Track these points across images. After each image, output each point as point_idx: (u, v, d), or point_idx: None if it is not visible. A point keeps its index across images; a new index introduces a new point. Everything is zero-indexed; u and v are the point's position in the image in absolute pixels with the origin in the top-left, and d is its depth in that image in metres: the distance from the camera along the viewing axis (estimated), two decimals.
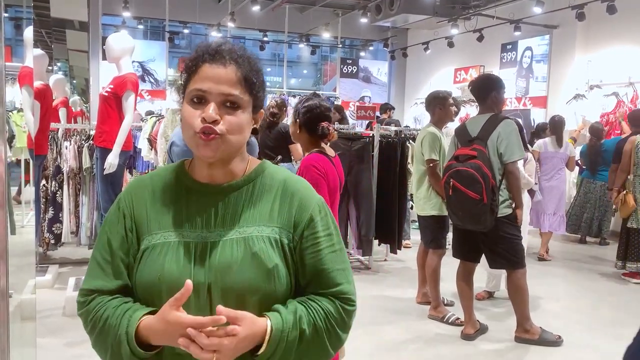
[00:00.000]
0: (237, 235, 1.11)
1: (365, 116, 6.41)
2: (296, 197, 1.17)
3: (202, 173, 1.16)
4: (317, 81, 20.55)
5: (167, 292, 1.05)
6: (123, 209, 1.17)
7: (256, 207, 1.14)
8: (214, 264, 1.08)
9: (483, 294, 4.78)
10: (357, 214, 5.41)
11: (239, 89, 1.10)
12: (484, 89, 3.78)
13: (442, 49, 11.40)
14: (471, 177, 3.44)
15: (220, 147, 1.09)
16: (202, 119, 1.07)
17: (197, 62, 1.11)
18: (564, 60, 9.38)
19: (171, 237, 1.12)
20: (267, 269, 1.08)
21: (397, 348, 3.77)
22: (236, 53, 1.12)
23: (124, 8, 10.96)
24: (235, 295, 1.07)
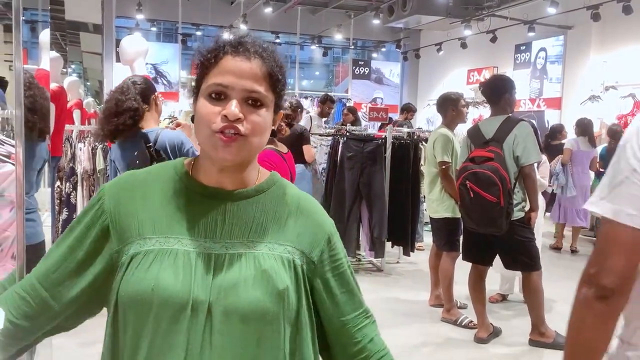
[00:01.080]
0: (245, 249, 0.99)
1: (378, 117, 6.40)
2: (312, 216, 1.08)
3: (209, 176, 1.02)
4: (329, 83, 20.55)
5: (160, 307, 0.93)
6: (103, 203, 1.02)
7: (268, 222, 1.02)
8: (218, 280, 0.95)
9: (496, 296, 4.74)
10: (370, 215, 5.40)
11: (264, 85, 0.98)
12: (497, 90, 3.75)
13: (455, 50, 11.36)
14: (489, 179, 3.41)
15: (243, 150, 0.97)
16: (222, 116, 0.95)
17: (218, 53, 0.99)
18: (579, 61, 9.29)
19: (169, 243, 0.97)
20: (277, 290, 0.96)
21: (409, 351, 3.75)
22: (261, 46, 1.01)
23: (138, 10, 11.05)
24: (239, 317, 0.94)
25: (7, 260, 2.01)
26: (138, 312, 0.94)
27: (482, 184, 3.43)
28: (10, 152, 2.05)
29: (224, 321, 0.94)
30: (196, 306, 0.93)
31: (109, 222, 1.00)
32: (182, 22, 12.12)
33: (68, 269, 1.00)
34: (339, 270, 1.07)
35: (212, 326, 0.93)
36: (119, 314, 0.97)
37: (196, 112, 1.00)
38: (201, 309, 0.93)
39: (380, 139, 5.60)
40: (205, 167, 1.03)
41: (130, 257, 0.97)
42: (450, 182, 4.12)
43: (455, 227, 4.23)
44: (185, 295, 0.93)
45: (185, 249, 0.97)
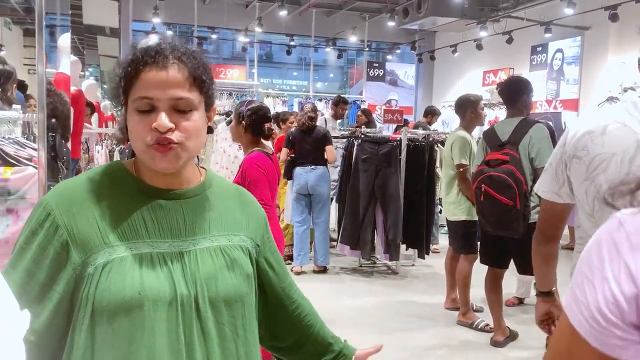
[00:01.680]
0: (210, 243, 1.06)
1: (393, 120, 6.39)
2: (252, 205, 1.20)
3: (157, 179, 1.05)
4: (344, 85, 20.56)
5: (151, 308, 0.96)
6: (55, 218, 0.98)
7: (220, 215, 1.11)
8: (197, 274, 1.02)
9: (513, 300, 4.71)
10: (384, 218, 5.38)
11: (189, 89, 1.00)
12: (515, 92, 3.72)
13: (470, 52, 11.30)
14: (504, 182, 3.39)
15: (180, 157, 1.00)
16: (153, 129, 0.97)
17: (137, 66, 0.99)
18: (597, 62, 9.19)
19: (139, 248, 0.99)
20: (247, 274, 1.09)
21: (424, 354, 3.73)
22: (179, 50, 1.01)
23: (154, 14, 11.16)
24: (224, 303, 1.03)
25: None
26: (128, 318, 0.95)
27: (497, 187, 3.41)
28: (32, 155, 2.08)
29: (211, 310, 1.01)
30: (183, 301, 0.99)
31: (67, 237, 0.97)
32: (197, 25, 12.21)
33: (32, 294, 0.96)
34: (274, 248, 1.22)
35: (201, 316, 1.00)
36: (101, 324, 0.96)
37: (129, 126, 1.01)
38: (188, 303, 0.99)
39: (395, 141, 5.58)
40: (151, 171, 1.04)
41: (101, 267, 0.96)
42: (467, 185, 4.10)
43: (472, 230, 4.20)
44: (172, 293, 0.98)
45: (158, 251, 1.01)
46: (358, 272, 5.66)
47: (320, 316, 1.34)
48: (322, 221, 5.42)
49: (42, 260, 0.97)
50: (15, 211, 2.01)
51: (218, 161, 5.39)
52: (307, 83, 14.87)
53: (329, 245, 6.55)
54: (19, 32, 12.76)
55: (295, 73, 21.69)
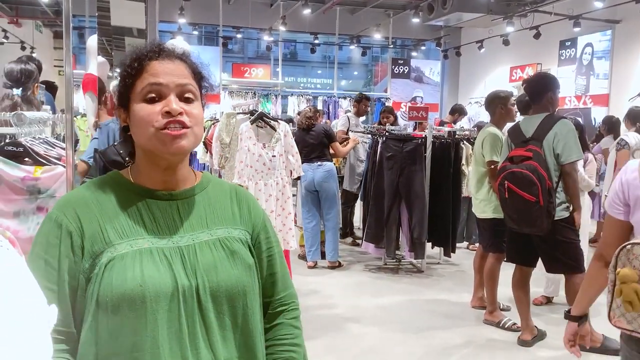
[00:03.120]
0: (209, 237, 1.09)
1: (417, 117, 6.33)
2: (249, 203, 1.20)
3: (154, 180, 1.09)
4: (368, 82, 20.49)
5: (152, 300, 0.98)
6: (67, 226, 1.02)
7: (217, 210, 1.13)
8: (197, 265, 1.04)
9: (541, 299, 4.63)
10: (409, 216, 5.35)
11: (193, 81, 1.07)
12: (540, 88, 3.67)
13: (497, 47, 11.14)
14: (527, 178, 3.34)
15: (190, 140, 1.04)
16: (164, 113, 1.01)
17: (142, 60, 1.05)
18: (628, 56, 8.97)
19: (139, 244, 1.03)
20: (248, 264, 1.10)
21: (451, 353, 3.70)
22: (179, 51, 1.10)
23: (180, 15, 11.28)
24: (225, 293, 1.05)
25: None
26: (131, 311, 0.98)
27: (520, 183, 3.37)
28: (61, 154, 2.13)
29: (212, 300, 1.04)
30: (184, 292, 1.01)
31: (80, 241, 1.02)
32: (222, 25, 12.30)
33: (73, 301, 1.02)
34: (270, 253, 1.18)
35: (203, 307, 1.03)
36: (105, 317, 0.99)
37: (134, 116, 1.04)
38: (189, 294, 1.02)
39: (420, 138, 5.54)
40: (149, 172, 1.09)
41: (104, 265, 1.00)
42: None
43: (501, 228, 4.14)
44: (173, 284, 1.01)
45: (157, 246, 1.04)
46: (382, 270, 5.64)
47: (345, 314, 1.33)
48: (331, 217, 5.44)
49: (71, 268, 1.02)
50: (45, 209, 2.06)
51: (242, 159, 5.43)
52: (331, 81, 14.86)
53: (353, 244, 6.57)
54: (50, 35, 13.05)
55: (320, 71, 21.69)
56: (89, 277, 1.01)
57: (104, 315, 0.99)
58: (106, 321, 0.99)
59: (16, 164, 2.04)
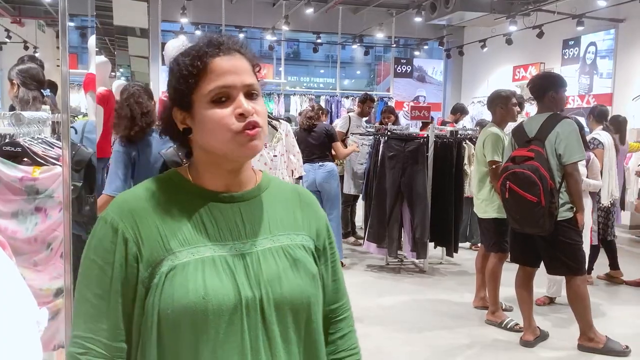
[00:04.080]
0: (271, 244, 1.03)
1: (420, 116, 6.31)
2: (313, 207, 1.15)
3: (216, 182, 1.04)
4: (371, 82, 20.46)
5: (215, 313, 0.94)
6: (123, 232, 0.98)
7: (279, 215, 1.08)
8: (260, 275, 0.99)
9: (544, 299, 4.61)
10: (412, 216, 5.34)
11: (253, 75, 1.03)
12: (541, 87, 3.65)
13: (500, 47, 11.09)
14: (528, 179, 3.33)
15: (262, 139, 1.01)
16: (238, 115, 0.97)
17: (204, 58, 0.98)
18: (632, 55, 8.92)
19: (201, 252, 0.98)
20: (312, 274, 1.05)
21: (453, 353, 3.69)
22: (235, 41, 1.04)
23: (182, 14, 11.28)
24: (289, 305, 1.00)
25: (57, 259, 2.08)
26: (192, 324, 0.93)
27: (521, 183, 3.36)
28: (59, 154, 2.12)
29: (276, 312, 0.98)
30: (248, 304, 0.96)
31: (136, 250, 0.98)
32: (225, 24, 12.29)
33: (128, 314, 0.98)
34: (334, 259, 1.14)
35: (266, 319, 0.98)
36: (167, 332, 0.95)
37: (203, 120, 0.99)
38: (252, 306, 0.97)
39: (422, 138, 5.53)
40: (212, 173, 1.04)
41: (164, 274, 0.95)
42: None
43: (503, 228, 4.12)
44: (236, 296, 0.96)
45: (220, 254, 0.99)
46: (385, 270, 5.63)
47: None
48: (333, 217, 5.42)
49: (124, 276, 0.97)
50: (43, 209, 2.05)
51: None
52: (334, 80, 14.84)
53: (356, 243, 6.55)
54: (52, 34, 13.07)
55: (322, 71, 21.68)
56: (148, 287, 0.96)
57: (166, 330, 0.94)
58: (168, 336, 0.95)
59: (14, 164, 2.03)
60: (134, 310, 0.98)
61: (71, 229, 1.45)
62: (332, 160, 5.54)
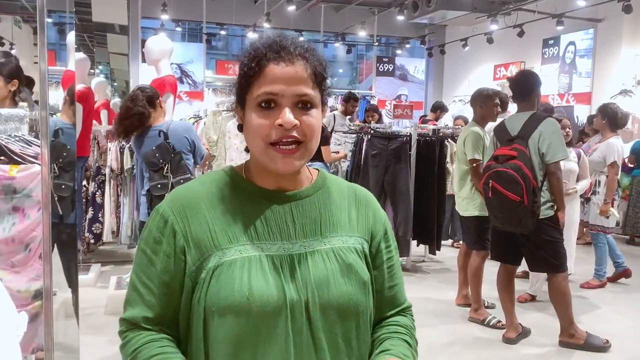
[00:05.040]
0: (323, 246, 1.01)
1: (403, 115, 6.33)
2: (370, 206, 1.11)
3: (267, 180, 1.03)
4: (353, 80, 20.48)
5: (258, 314, 0.93)
6: (172, 225, 0.99)
7: (334, 215, 1.05)
8: (308, 278, 0.97)
9: (526, 296, 4.65)
10: (395, 214, 5.34)
11: (311, 85, 0.98)
12: (527, 86, 3.66)
13: (481, 45, 11.18)
14: (511, 178, 3.34)
15: (303, 158, 0.98)
16: (277, 126, 0.95)
17: (260, 61, 0.96)
18: (610, 54, 9.06)
19: (249, 251, 0.97)
20: (363, 281, 1.01)
21: (436, 351, 3.70)
22: (302, 47, 0.99)
23: (163, 11, 11.16)
24: (336, 311, 0.97)
25: (35, 260, 2.03)
26: (236, 323, 0.93)
27: (504, 182, 3.37)
28: (38, 152, 2.07)
29: (323, 318, 0.96)
30: (293, 307, 0.94)
31: (184, 243, 0.98)
32: (206, 21, 12.19)
33: (173, 304, 1.00)
34: (391, 264, 1.10)
35: (313, 325, 0.95)
36: (212, 329, 0.95)
37: (246, 123, 0.99)
38: (298, 310, 0.95)
39: (405, 136, 5.54)
40: (262, 172, 1.03)
41: (211, 270, 0.96)
42: (481, 180, 4.06)
43: (485, 226, 4.15)
44: (281, 298, 0.94)
45: (267, 253, 0.97)
46: None
47: None
48: None
49: (174, 269, 0.98)
50: (21, 209, 2.00)
51: (233, 158, 5.39)
52: None
53: None
54: (29, 31, 12.82)
55: None
56: (195, 281, 0.97)
57: (211, 326, 0.95)
58: (212, 333, 0.95)
59: None
60: (180, 301, 0.99)
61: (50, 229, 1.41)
62: (322, 160, 5.49)
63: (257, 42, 1.00)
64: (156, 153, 3.29)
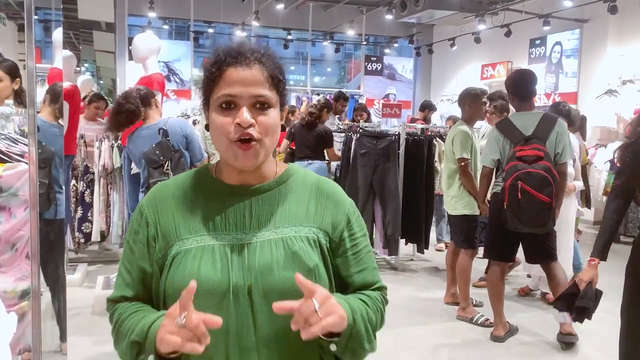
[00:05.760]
0: (274, 235, 1.09)
1: (391, 114, 6.35)
2: (331, 199, 1.17)
3: (232, 176, 1.13)
4: (341, 79, 20.49)
5: (204, 297, 1.01)
6: (146, 216, 1.13)
7: (291, 208, 1.12)
8: (253, 265, 1.05)
9: (526, 289, 4.78)
10: (383, 213, 5.36)
11: (267, 87, 1.07)
12: (529, 85, 3.66)
13: (468, 45, 11.24)
14: (544, 179, 3.31)
15: (259, 154, 1.07)
16: (236, 124, 1.04)
17: (220, 66, 1.07)
18: (595, 54, 9.15)
19: (204, 240, 1.08)
20: (308, 268, 1.06)
21: (424, 349, 3.71)
22: (259, 52, 1.09)
23: (150, 9, 11.08)
24: (278, 296, 1.02)
25: (22, 260, 2.00)
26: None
27: (537, 184, 3.31)
28: (24, 151, 2.04)
29: (265, 302, 1.03)
30: (237, 291, 1.03)
31: (154, 232, 1.11)
32: (194, 19, 12.12)
33: (148, 287, 1.13)
34: (357, 249, 1.16)
35: (254, 307, 1.04)
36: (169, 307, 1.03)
37: (211, 123, 1.09)
38: (242, 293, 1.04)
39: (394, 135, 5.55)
40: (227, 170, 1.13)
41: (172, 258, 1.08)
42: (469, 179, 4.07)
43: (473, 225, 4.17)
44: (225, 283, 1.04)
45: (220, 243, 1.07)
46: None
47: None
48: None
49: (145, 254, 1.11)
50: (7, 208, 1.97)
51: None
52: (304, 77, 14.81)
53: None
54: (14, 28, 12.65)
55: (293, 67, 21.59)
56: (161, 267, 1.09)
57: (169, 307, 1.02)
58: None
59: None
60: (152, 285, 1.12)
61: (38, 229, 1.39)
62: (324, 159, 5.52)
63: (218, 49, 1.10)
64: (156, 150, 3.31)
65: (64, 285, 3.08)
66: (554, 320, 4.05)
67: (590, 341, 3.75)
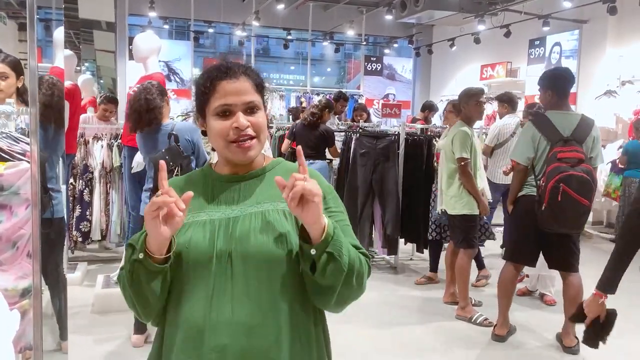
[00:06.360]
0: (255, 209, 1.27)
1: (391, 114, 6.36)
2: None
3: (225, 168, 1.34)
4: (341, 79, 20.49)
5: (194, 260, 1.23)
6: None
7: (272, 187, 1.25)
8: (234, 233, 1.24)
9: (524, 289, 4.78)
10: (383, 213, 5.36)
11: (254, 93, 1.28)
12: (570, 83, 3.66)
13: (468, 45, 11.25)
14: (587, 183, 3.28)
15: (256, 148, 1.28)
16: (234, 128, 1.25)
17: (213, 81, 1.27)
18: (594, 55, 9.16)
19: (199, 217, 1.28)
20: (279, 233, 1.23)
21: (423, 349, 3.72)
22: (242, 66, 1.31)
23: (150, 8, 11.08)
24: (255, 260, 1.21)
25: (23, 259, 2.01)
26: (179, 267, 1.24)
27: (581, 188, 3.27)
28: (25, 149, 2.05)
29: (242, 264, 1.21)
30: (220, 255, 1.22)
31: None
32: (194, 19, 12.13)
33: None
34: (336, 220, 1.26)
35: (233, 269, 1.22)
36: (175, 272, 1.25)
37: (209, 129, 1.29)
38: (223, 257, 1.22)
39: (393, 135, 5.56)
40: (223, 164, 1.35)
41: (177, 231, 1.23)
42: (469, 179, 4.07)
43: (472, 224, 4.17)
44: (210, 250, 1.23)
45: (211, 217, 1.27)
46: None
47: None
48: None
49: None
50: (8, 207, 1.98)
51: None
52: (304, 77, 14.81)
53: None
54: (14, 27, 12.64)
55: (293, 67, 21.59)
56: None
57: (174, 268, 1.23)
58: (172, 273, 1.24)
59: None
60: None
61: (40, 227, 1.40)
62: (325, 159, 5.53)
63: (208, 68, 1.31)
64: (166, 156, 3.23)
65: (65, 284, 3.09)
66: (552, 320, 4.06)
67: None
